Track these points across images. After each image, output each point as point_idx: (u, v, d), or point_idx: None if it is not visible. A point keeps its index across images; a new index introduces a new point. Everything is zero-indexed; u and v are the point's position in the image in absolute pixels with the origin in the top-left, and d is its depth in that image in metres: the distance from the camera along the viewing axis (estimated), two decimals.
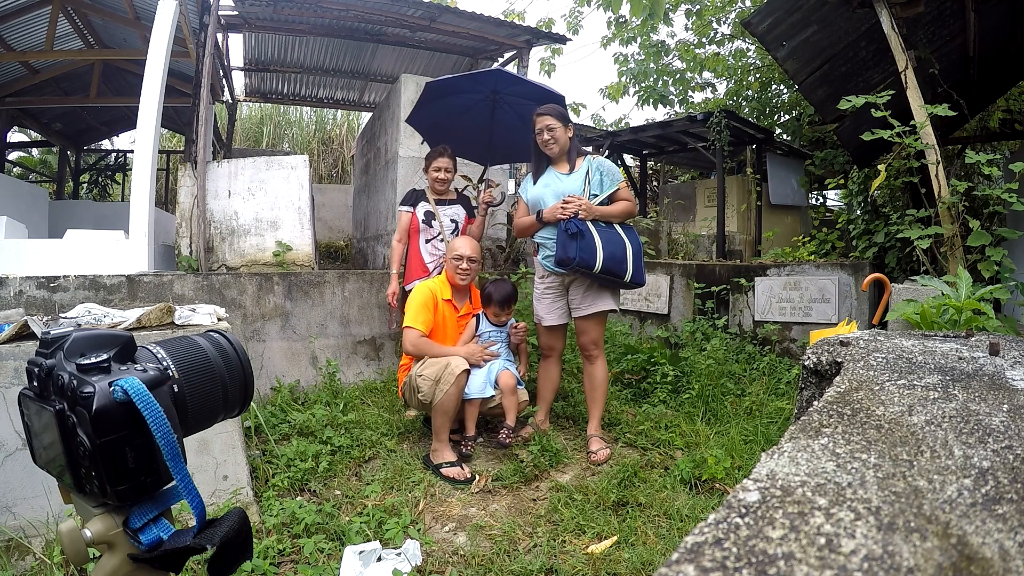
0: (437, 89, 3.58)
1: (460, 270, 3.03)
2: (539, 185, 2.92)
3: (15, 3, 5.38)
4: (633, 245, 2.79)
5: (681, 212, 8.57)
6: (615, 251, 2.72)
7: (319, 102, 9.04)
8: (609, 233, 2.76)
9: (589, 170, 2.83)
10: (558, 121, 2.84)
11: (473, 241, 3.13)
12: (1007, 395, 0.84)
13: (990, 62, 5.09)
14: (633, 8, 3.58)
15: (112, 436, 0.58)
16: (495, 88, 3.64)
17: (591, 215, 2.73)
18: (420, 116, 3.77)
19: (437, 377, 2.72)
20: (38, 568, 1.86)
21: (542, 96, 3.74)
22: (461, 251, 3.04)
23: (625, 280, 2.76)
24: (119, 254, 4.19)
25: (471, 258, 3.04)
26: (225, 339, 0.76)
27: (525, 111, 3.82)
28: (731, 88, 9.54)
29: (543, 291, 3.01)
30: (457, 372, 2.69)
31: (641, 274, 2.81)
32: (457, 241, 3.14)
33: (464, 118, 3.80)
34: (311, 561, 1.94)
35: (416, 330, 2.90)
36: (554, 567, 1.94)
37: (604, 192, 2.82)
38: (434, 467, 2.69)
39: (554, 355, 3.07)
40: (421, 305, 2.96)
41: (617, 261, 2.72)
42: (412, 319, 2.92)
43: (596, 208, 2.76)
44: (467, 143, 3.90)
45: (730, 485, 2.45)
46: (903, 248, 3.99)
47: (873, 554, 0.42)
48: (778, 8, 4.08)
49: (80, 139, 9.67)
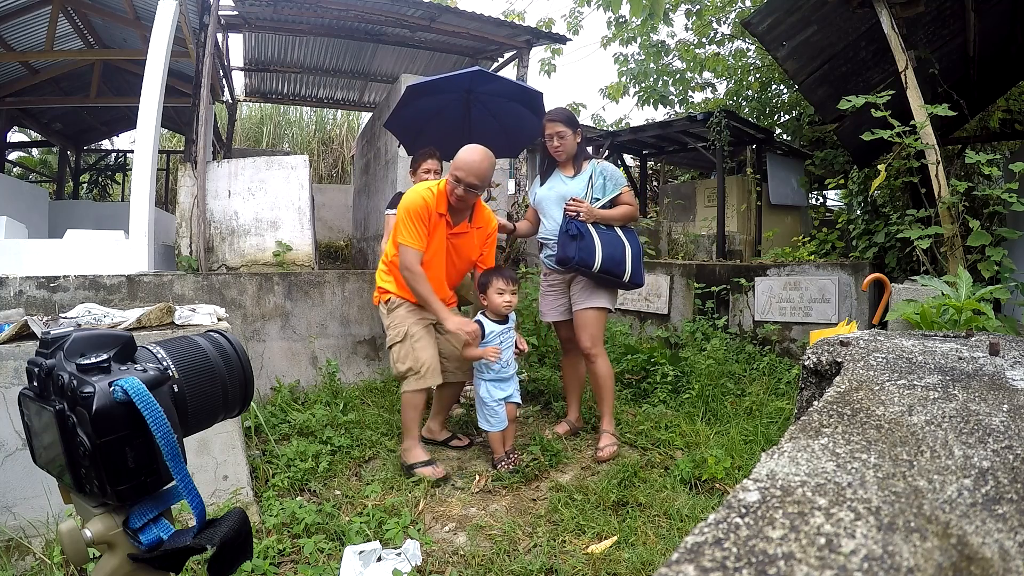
0: (418, 90, 3.56)
1: (455, 194, 2.60)
2: (544, 187, 3.00)
3: (15, 3, 5.37)
4: (632, 247, 2.86)
5: (681, 212, 8.56)
6: (614, 253, 2.80)
7: (319, 102, 9.04)
8: (609, 235, 2.83)
9: (593, 174, 2.89)
10: (568, 127, 2.88)
11: (486, 165, 2.59)
12: (1007, 395, 0.84)
13: (990, 62, 5.09)
14: (633, 8, 3.58)
15: (112, 436, 0.58)
16: (469, 88, 3.63)
17: (592, 218, 2.80)
18: (398, 119, 3.74)
19: (410, 368, 2.61)
20: (38, 568, 1.86)
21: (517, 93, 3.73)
22: (462, 174, 2.53)
23: (624, 280, 2.84)
24: (119, 254, 4.18)
25: (470, 186, 2.56)
26: (225, 339, 0.76)
27: (499, 108, 3.81)
28: (731, 88, 9.54)
29: (546, 288, 3.10)
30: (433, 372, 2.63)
31: (640, 275, 2.89)
32: (467, 154, 2.57)
33: (438, 119, 3.78)
34: (311, 561, 1.94)
35: (414, 249, 2.54)
36: (554, 567, 1.94)
37: (606, 196, 2.88)
38: (407, 468, 2.62)
39: (575, 348, 3.09)
40: (416, 216, 2.55)
41: (616, 262, 2.80)
42: (409, 235, 2.55)
43: (597, 211, 2.83)
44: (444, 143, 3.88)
45: (730, 485, 2.45)
46: (903, 248, 3.99)
47: (873, 554, 0.42)
48: (778, 8, 4.08)
49: (80, 139, 9.67)
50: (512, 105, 3.77)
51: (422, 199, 2.57)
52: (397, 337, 2.68)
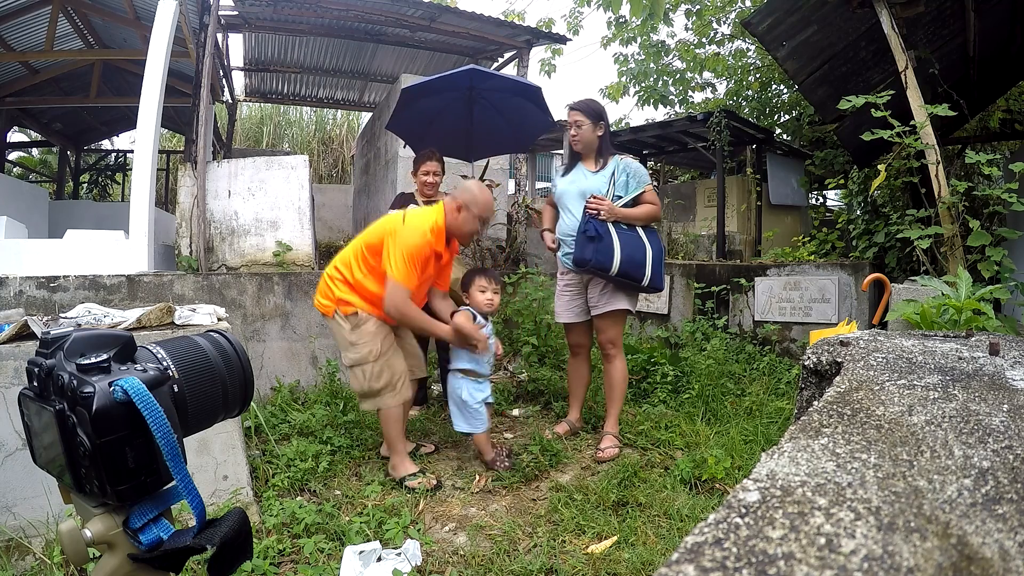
0: (413, 92, 3.56)
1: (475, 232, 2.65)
2: (566, 180, 2.94)
3: (15, 3, 5.37)
4: (654, 249, 2.78)
5: (681, 212, 8.57)
6: (633, 255, 2.72)
7: (319, 102, 9.04)
8: (630, 236, 2.75)
9: (616, 170, 2.82)
10: (587, 118, 2.84)
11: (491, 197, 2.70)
12: (1007, 395, 0.84)
13: (990, 62, 5.09)
14: (633, 8, 3.58)
15: (112, 436, 0.58)
16: (471, 85, 3.63)
17: (613, 217, 2.73)
18: (399, 120, 3.74)
19: (387, 383, 2.56)
20: (38, 568, 1.86)
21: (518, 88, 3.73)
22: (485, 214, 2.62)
23: (643, 284, 2.76)
24: (119, 254, 4.18)
25: (486, 221, 2.66)
26: (225, 339, 0.76)
27: (503, 104, 3.80)
28: (731, 88, 9.53)
29: (562, 288, 3.02)
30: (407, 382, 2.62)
31: (660, 279, 2.81)
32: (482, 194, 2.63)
33: (442, 118, 3.79)
34: (311, 561, 1.94)
35: (407, 289, 2.46)
36: (554, 567, 1.94)
37: (629, 194, 2.81)
38: (398, 482, 2.55)
39: (582, 352, 3.07)
40: (418, 259, 2.48)
41: (636, 265, 2.72)
42: (404, 274, 2.44)
43: (619, 210, 2.75)
44: (448, 141, 3.88)
45: (730, 485, 2.45)
46: (903, 248, 3.99)
47: (873, 554, 0.42)
48: (778, 8, 4.08)
49: (80, 139, 9.66)
50: (516, 100, 3.77)
51: (427, 243, 2.49)
52: (369, 356, 2.54)
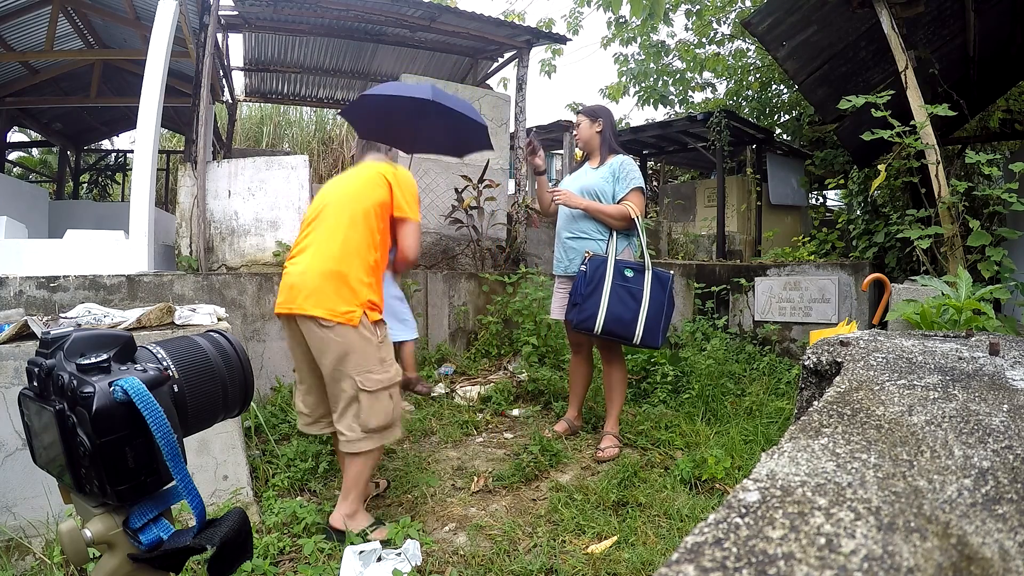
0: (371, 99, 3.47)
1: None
2: (571, 177, 3.08)
3: (15, 3, 5.37)
4: (653, 304, 2.67)
5: (681, 212, 8.57)
6: (622, 314, 2.64)
7: (319, 102, 9.03)
8: (626, 289, 2.67)
9: (615, 168, 2.89)
10: (585, 117, 3.01)
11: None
12: (1007, 395, 0.84)
13: (990, 62, 5.09)
14: (633, 8, 3.59)
15: (112, 436, 0.58)
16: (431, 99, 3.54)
17: (570, 204, 2.83)
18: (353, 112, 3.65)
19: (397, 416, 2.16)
20: (38, 568, 1.86)
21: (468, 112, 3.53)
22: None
23: (633, 343, 2.68)
24: (119, 254, 4.18)
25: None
26: (225, 339, 0.76)
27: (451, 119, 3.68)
28: (731, 88, 9.54)
29: (558, 288, 3.06)
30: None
31: (656, 336, 2.67)
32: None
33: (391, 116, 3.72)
34: (311, 561, 1.94)
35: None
36: (554, 567, 1.94)
37: (618, 193, 2.86)
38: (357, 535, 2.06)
39: (583, 351, 3.08)
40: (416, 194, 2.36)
41: (623, 324, 2.64)
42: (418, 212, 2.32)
43: (576, 199, 2.82)
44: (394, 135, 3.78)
45: (730, 485, 2.45)
46: (903, 248, 3.99)
47: (873, 554, 0.42)
48: (778, 8, 4.08)
49: (80, 139, 9.66)
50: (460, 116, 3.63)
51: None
52: (397, 376, 2.15)
